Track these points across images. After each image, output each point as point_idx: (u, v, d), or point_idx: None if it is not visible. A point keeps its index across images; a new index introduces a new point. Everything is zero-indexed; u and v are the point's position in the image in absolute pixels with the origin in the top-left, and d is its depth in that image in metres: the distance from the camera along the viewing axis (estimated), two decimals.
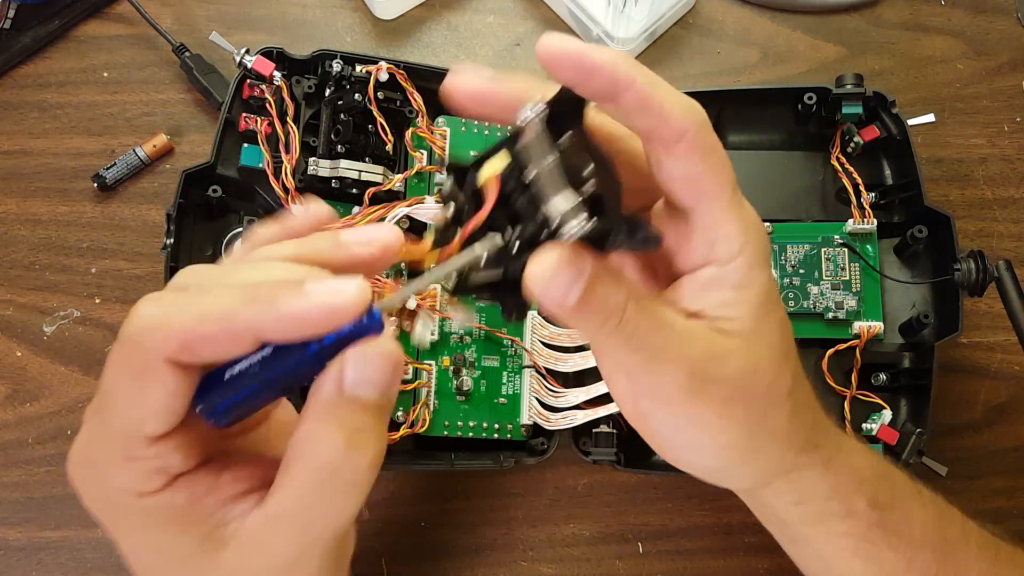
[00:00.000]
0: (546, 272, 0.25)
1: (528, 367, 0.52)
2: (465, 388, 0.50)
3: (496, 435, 0.51)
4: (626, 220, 0.24)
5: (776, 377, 0.30)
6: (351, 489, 0.27)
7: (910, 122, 0.53)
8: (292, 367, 0.25)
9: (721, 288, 0.29)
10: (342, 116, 0.48)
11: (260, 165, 0.48)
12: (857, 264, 0.53)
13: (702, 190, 0.27)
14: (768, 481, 0.34)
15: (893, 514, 0.35)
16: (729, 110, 0.55)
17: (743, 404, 0.30)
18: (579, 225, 0.23)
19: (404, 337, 0.50)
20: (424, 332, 0.32)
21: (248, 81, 0.49)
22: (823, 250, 0.53)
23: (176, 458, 0.27)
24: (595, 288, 0.26)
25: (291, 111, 0.49)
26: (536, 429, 0.51)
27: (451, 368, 0.51)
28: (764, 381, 0.30)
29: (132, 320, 0.26)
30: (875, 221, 0.52)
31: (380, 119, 0.49)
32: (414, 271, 0.49)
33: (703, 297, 0.29)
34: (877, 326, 0.51)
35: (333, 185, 0.48)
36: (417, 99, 0.51)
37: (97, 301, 0.53)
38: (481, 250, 0.25)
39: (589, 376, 0.51)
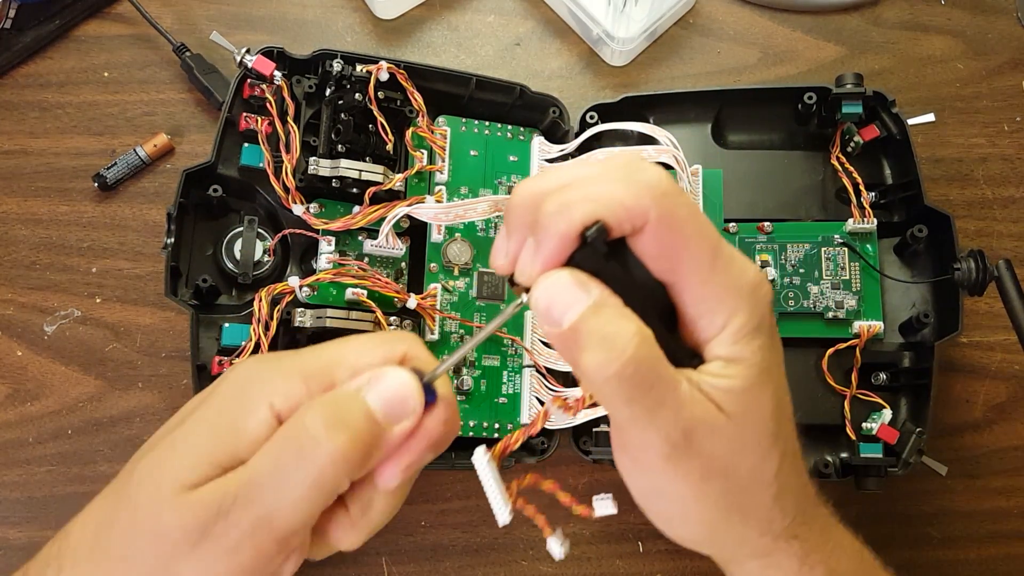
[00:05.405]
0: (545, 284, 0.26)
1: (528, 366, 0.52)
2: (465, 388, 0.50)
3: (496, 434, 0.51)
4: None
5: (762, 460, 0.29)
6: (307, 466, 0.26)
7: (910, 122, 0.53)
8: None
9: (714, 360, 0.28)
10: (342, 116, 0.48)
11: (261, 164, 0.49)
12: (857, 264, 0.53)
13: (675, 267, 0.26)
14: (740, 561, 0.33)
15: None
16: (729, 110, 0.56)
17: (722, 484, 0.29)
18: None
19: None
20: (556, 547, 0.34)
21: (249, 81, 0.49)
22: (823, 250, 0.53)
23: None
24: (600, 312, 0.25)
25: (291, 111, 0.49)
26: None
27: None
28: (748, 463, 0.29)
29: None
30: (875, 221, 0.52)
31: (380, 119, 0.49)
32: None
33: (703, 365, 0.28)
34: (877, 325, 0.51)
35: (333, 185, 0.48)
36: (417, 99, 0.51)
37: (98, 301, 0.53)
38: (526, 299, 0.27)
39: None
